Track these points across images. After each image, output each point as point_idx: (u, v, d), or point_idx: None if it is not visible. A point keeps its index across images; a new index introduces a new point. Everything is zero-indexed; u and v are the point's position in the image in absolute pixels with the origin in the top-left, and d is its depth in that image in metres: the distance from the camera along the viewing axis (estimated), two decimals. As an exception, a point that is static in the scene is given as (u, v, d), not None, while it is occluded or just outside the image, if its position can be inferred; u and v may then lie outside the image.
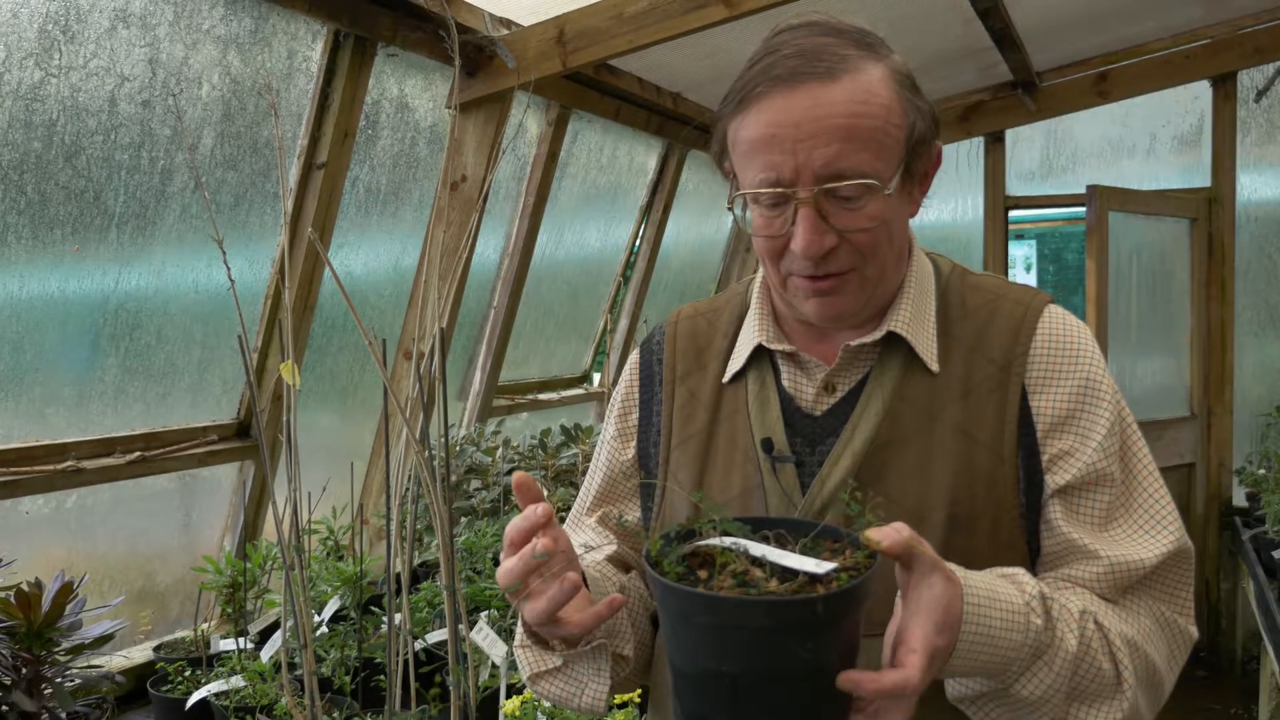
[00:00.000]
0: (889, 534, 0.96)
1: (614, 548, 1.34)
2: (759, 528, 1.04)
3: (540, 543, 1.05)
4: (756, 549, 0.98)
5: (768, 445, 1.23)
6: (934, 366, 1.21)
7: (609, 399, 1.45)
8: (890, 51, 1.18)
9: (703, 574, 0.98)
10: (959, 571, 1.02)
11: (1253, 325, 5.15)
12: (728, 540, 1.00)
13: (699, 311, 1.40)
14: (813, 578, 0.94)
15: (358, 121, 3.10)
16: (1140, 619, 1.17)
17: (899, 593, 1.01)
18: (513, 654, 2.51)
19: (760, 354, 1.29)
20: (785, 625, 0.90)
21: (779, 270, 1.20)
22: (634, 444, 1.37)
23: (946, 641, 0.98)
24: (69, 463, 2.63)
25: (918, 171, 1.20)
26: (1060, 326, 1.22)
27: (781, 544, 1.01)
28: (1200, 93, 5.13)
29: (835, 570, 0.94)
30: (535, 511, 1.08)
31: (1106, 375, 1.21)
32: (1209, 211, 5.08)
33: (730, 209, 1.22)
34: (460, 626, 1.94)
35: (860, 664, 0.98)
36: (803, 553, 0.98)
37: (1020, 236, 8.69)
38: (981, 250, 5.58)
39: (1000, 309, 1.24)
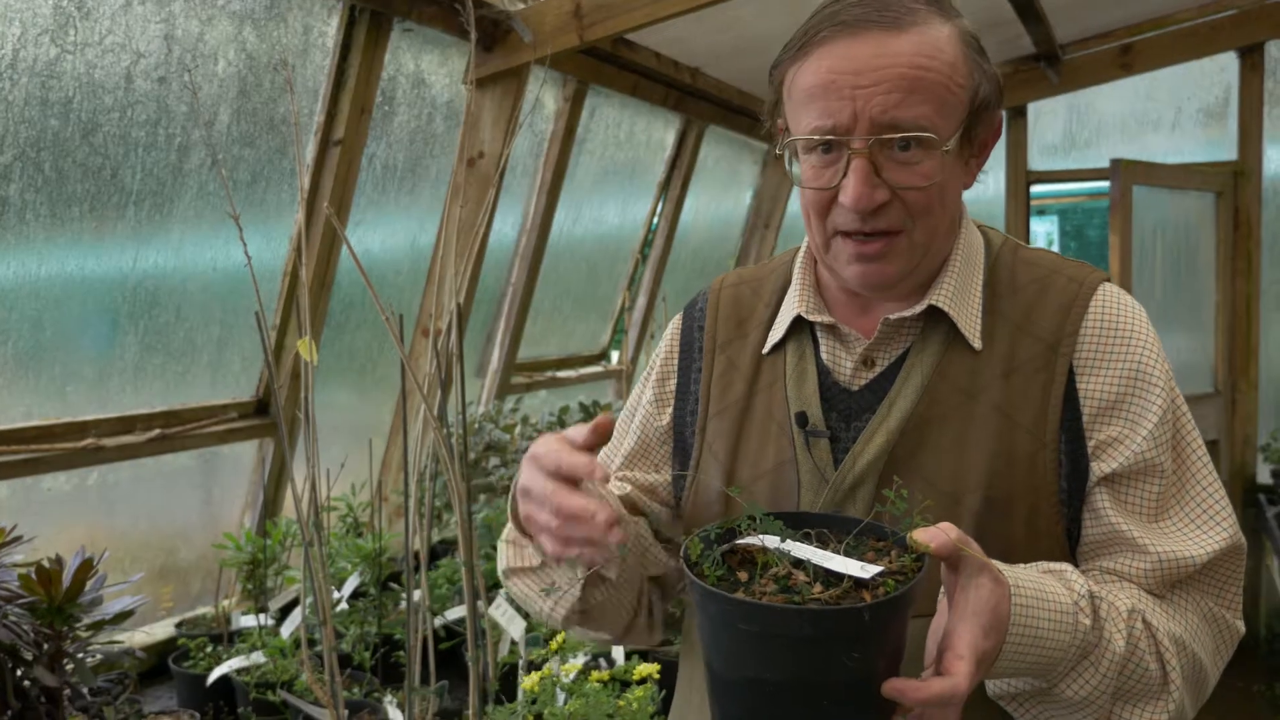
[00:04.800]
0: (936, 535, 0.93)
1: (627, 491, 1.32)
2: (800, 524, 1.01)
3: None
4: (800, 550, 0.95)
5: (802, 419, 1.20)
6: (976, 344, 1.17)
7: (627, 376, 1.43)
8: (959, 14, 1.14)
9: (742, 575, 0.95)
10: (1006, 570, 0.99)
11: (1278, 301, 5.09)
12: (770, 541, 0.97)
13: (743, 279, 1.37)
14: (858, 582, 0.91)
15: (374, 97, 3.08)
16: (1188, 615, 1.13)
17: (942, 588, 0.99)
18: (531, 630, 2.51)
19: (800, 325, 1.26)
20: (830, 634, 0.88)
21: (825, 227, 1.15)
22: (670, 410, 1.35)
23: (994, 644, 0.96)
24: (89, 440, 2.64)
25: (977, 139, 1.16)
26: (1114, 306, 1.17)
27: (823, 542, 0.99)
28: (1226, 64, 5.05)
29: (881, 574, 0.91)
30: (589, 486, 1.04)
31: (1161, 360, 1.16)
32: (1235, 185, 5.01)
33: (779, 154, 1.18)
34: (479, 602, 1.94)
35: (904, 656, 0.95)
36: (846, 553, 0.96)
37: (1042, 212, 8.60)
38: (1003, 226, 5.53)
39: (1052, 285, 1.19)
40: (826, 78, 1.09)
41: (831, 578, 0.93)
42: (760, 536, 0.98)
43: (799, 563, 0.95)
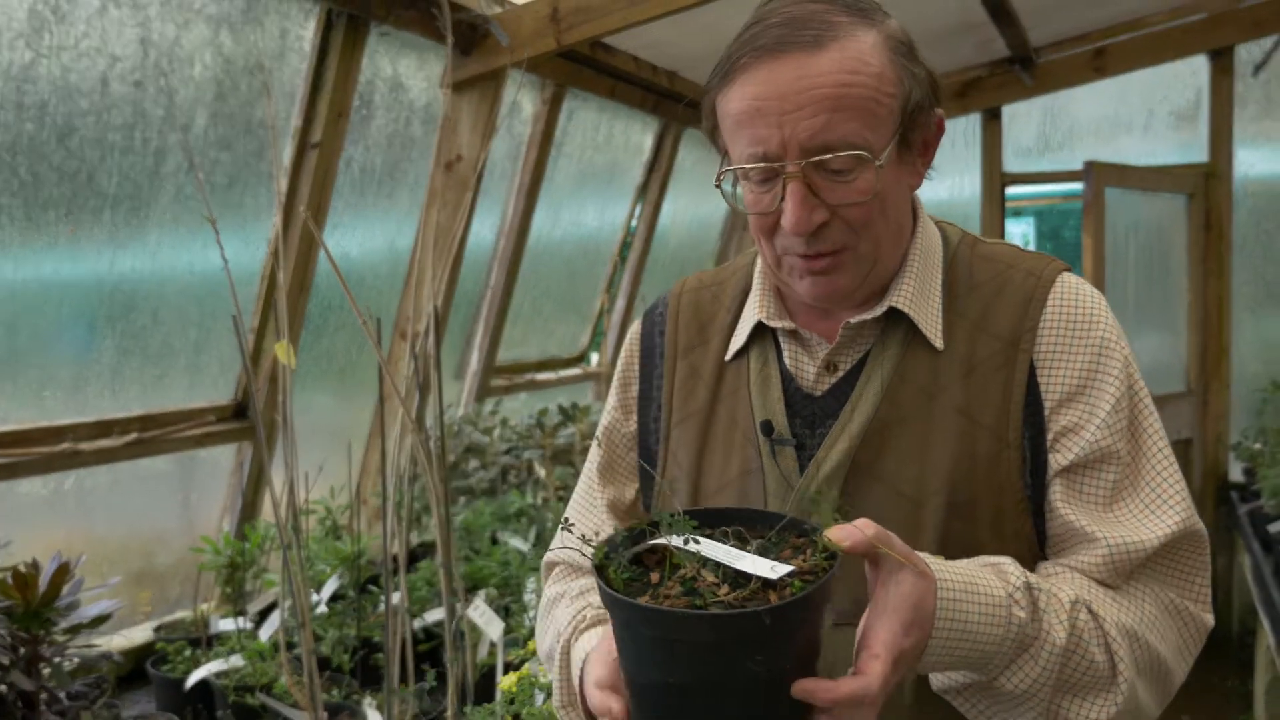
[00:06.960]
0: (851, 533, 0.92)
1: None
2: (721, 522, 1.00)
3: None
4: (711, 549, 0.93)
5: (767, 428, 1.20)
6: (938, 343, 1.16)
7: (606, 379, 1.43)
8: (886, 17, 1.12)
9: (654, 576, 0.94)
10: (935, 564, 0.99)
11: (1250, 301, 5.15)
12: (679, 541, 0.95)
13: (703, 283, 1.36)
14: (766, 583, 0.89)
15: (351, 101, 3.09)
16: (1144, 606, 1.12)
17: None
18: (509, 631, 2.52)
19: (762, 331, 1.25)
20: (731, 639, 0.86)
21: (773, 248, 1.16)
22: (635, 417, 1.34)
23: (915, 641, 0.95)
24: (66, 445, 2.63)
25: (916, 141, 1.14)
26: (1073, 296, 1.16)
27: (742, 541, 0.97)
28: (1198, 67, 5.11)
29: (791, 575, 0.89)
30: None
31: (1120, 345, 1.15)
32: (1206, 187, 5.07)
33: (719, 185, 1.17)
34: (457, 605, 1.95)
35: (828, 657, 0.94)
36: (762, 551, 0.94)
37: (1018, 214, 8.66)
38: (979, 228, 5.57)
39: (1010, 281, 1.18)
40: (752, 105, 1.08)
41: (741, 578, 0.91)
42: (669, 537, 0.96)
43: (709, 563, 0.93)
